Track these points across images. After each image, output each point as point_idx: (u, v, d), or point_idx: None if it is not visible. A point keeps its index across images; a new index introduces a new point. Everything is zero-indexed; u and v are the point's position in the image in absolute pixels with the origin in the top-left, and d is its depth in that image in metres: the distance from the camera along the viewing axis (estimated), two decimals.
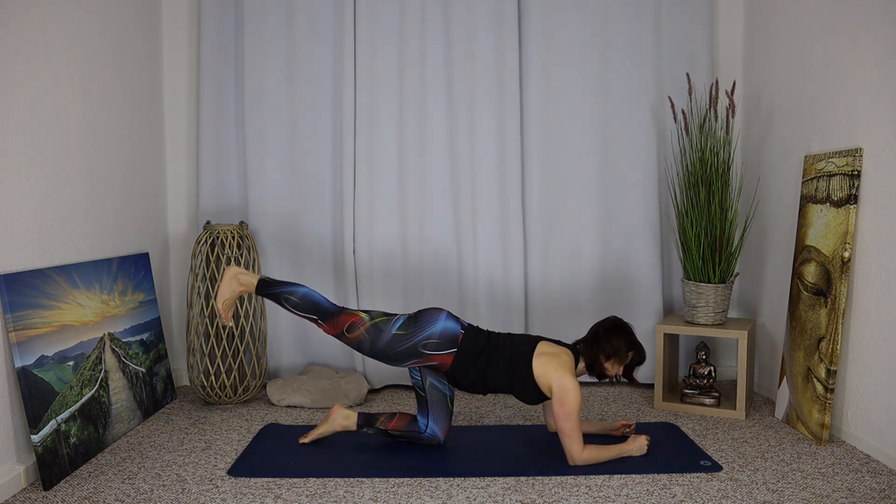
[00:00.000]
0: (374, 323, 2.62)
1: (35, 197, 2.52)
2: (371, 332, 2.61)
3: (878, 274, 2.61)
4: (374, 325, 2.61)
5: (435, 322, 2.62)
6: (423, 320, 2.62)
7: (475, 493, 2.31)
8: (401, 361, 2.61)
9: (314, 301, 2.65)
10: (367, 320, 2.62)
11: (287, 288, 2.67)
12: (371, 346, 2.61)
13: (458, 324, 2.64)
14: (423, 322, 2.62)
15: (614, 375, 2.64)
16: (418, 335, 2.59)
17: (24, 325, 2.38)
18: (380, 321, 2.63)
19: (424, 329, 2.60)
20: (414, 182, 3.62)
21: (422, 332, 2.59)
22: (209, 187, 3.62)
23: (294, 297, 2.64)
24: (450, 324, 2.62)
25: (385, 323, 2.62)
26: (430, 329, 2.60)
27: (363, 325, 2.61)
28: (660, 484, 2.38)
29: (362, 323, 2.62)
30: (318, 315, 2.64)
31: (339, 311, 2.64)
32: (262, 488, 2.36)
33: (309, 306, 2.64)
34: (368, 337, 2.60)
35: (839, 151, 2.82)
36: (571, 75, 3.59)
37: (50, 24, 2.62)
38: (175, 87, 3.67)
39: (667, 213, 3.69)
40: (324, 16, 3.57)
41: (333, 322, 2.63)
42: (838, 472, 2.47)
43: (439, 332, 2.60)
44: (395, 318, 2.64)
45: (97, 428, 2.69)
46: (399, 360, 2.61)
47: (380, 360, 2.64)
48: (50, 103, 2.62)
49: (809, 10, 3.07)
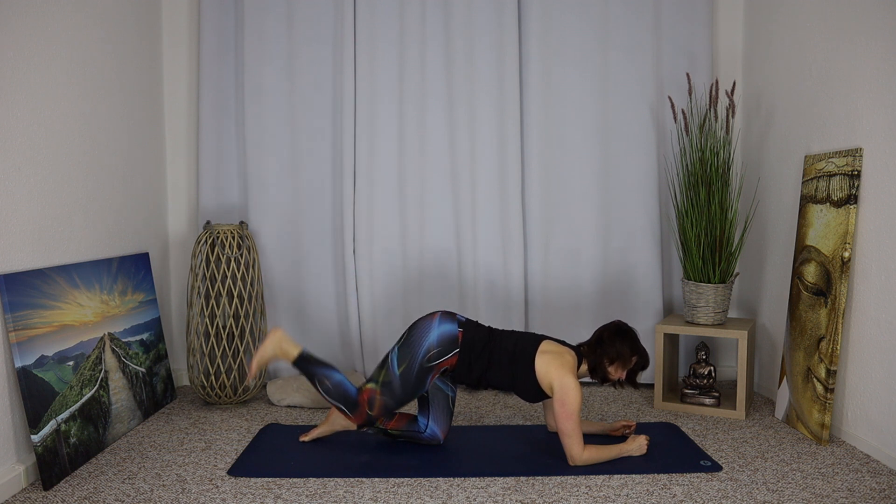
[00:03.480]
0: (381, 383, 2.56)
1: (35, 197, 2.52)
2: (384, 392, 2.55)
3: (878, 274, 2.61)
4: (383, 385, 2.56)
5: (428, 331, 2.57)
6: (415, 337, 2.58)
7: (475, 493, 2.31)
8: (423, 385, 2.57)
9: (345, 390, 2.58)
10: (375, 387, 2.57)
11: (324, 370, 2.61)
12: (395, 400, 2.56)
13: (453, 324, 2.60)
14: (415, 339, 2.57)
15: (617, 380, 2.63)
16: (417, 355, 2.55)
17: (24, 325, 2.38)
18: (382, 377, 2.57)
19: (420, 345, 2.56)
20: (414, 181, 3.62)
21: (419, 350, 2.55)
22: (209, 187, 3.62)
23: (328, 381, 2.58)
24: (445, 326, 2.58)
25: (386, 374, 2.57)
26: (426, 342, 2.56)
27: (376, 393, 2.56)
28: (660, 484, 2.38)
29: (374, 391, 2.56)
30: (346, 405, 2.58)
31: (357, 396, 2.58)
32: (262, 488, 2.36)
33: (340, 395, 2.58)
34: (387, 397, 2.55)
35: (839, 151, 2.82)
36: (571, 75, 3.59)
37: (50, 25, 2.62)
38: (175, 87, 3.67)
39: (667, 213, 3.69)
40: (324, 15, 3.57)
41: (357, 411, 2.57)
42: (838, 472, 2.47)
43: (436, 339, 2.56)
44: (390, 359, 2.58)
45: (97, 428, 2.69)
46: (421, 386, 2.57)
47: (409, 401, 2.59)
48: (50, 103, 2.62)
49: (809, 10, 3.07)
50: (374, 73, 3.55)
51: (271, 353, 2.65)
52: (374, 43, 3.55)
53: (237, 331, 3.28)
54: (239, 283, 3.25)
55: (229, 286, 3.25)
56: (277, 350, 2.64)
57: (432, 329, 2.57)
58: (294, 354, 2.63)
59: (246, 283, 3.28)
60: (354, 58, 3.54)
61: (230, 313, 3.26)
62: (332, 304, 3.67)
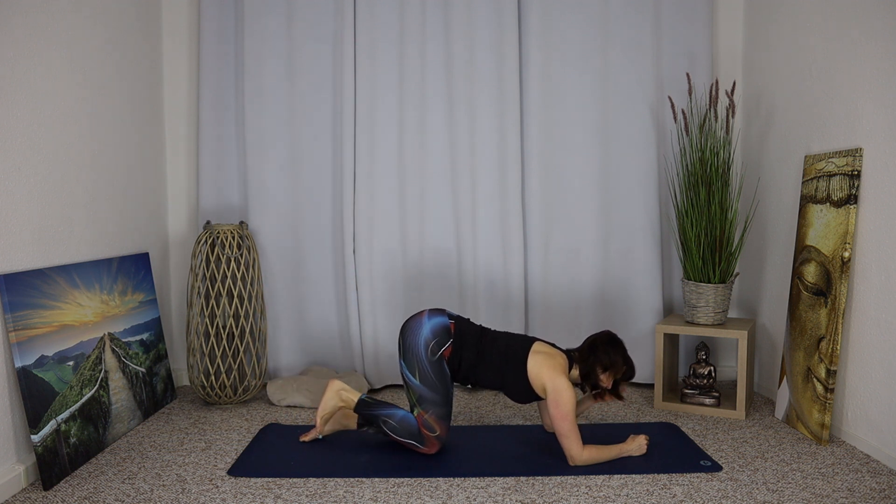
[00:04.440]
0: (418, 402, 2.58)
1: (35, 197, 2.52)
2: (426, 406, 2.56)
3: (878, 274, 2.61)
4: (419, 402, 2.57)
5: (420, 328, 2.60)
6: (410, 339, 2.60)
7: (475, 493, 2.31)
8: (446, 375, 2.58)
9: (409, 424, 2.59)
10: (419, 410, 2.58)
11: (385, 410, 2.62)
12: (439, 405, 2.57)
13: (443, 317, 2.63)
14: (412, 341, 2.59)
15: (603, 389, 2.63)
16: (421, 354, 2.57)
17: (24, 325, 2.38)
18: (413, 397, 2.59)
19: (418, 344, 2.58)
20: (414, 181, 3.62)
21: (420, 349, 2.57)
22: (209, 187, 3.62)
23: (392, 420, 2.60)
24: (435, 319, 2.61)
25: (412, 391, 2.58)
26: (421, 338, 2.58)
27: (423, 414, 2.57)
28: (660, 484, 2.38)
29: (421, 414, 2.57)
30: (415, 440, 2.59)
31: (417, 425, 2.58)
32: (262, 488, 2.36)
33: (406, 431, 2.58)
34: (432, 408, 2.56)
35: (839, 151, 2.82)
36: (571, 75, 3.59)
37: (50, 25, 2.62)
38: (175, 87, 3.67)
39: (667, 213, 3.69)
40: (324, 15, 3.57)
41: (426, 441, 2.58)
42: (838, 472, 2.47)
43: (430, 332, 2.58)
44: (405, 376, 2.60)
45: (97, 428, 2.69)
46: (444, 377, 2.58)
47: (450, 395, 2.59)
48: (50, 103, 2.62)
49: (809, 10, 3.07)
50: (374, 73, 3.55)
51: (333, 405, 2.70)
52: (374, 43, 3.55)
53: (237, 331, 3.28)
54: (239, 283, 3.25)
55: (229, 286, 3.25)
56: (338, 401, 2.70)
57: (423, 325, 2.60)
58: (354, 401, 2.68)
59: (246, 283, 3.28)
60: (354, 58, 3.54)
61: (230, 313, 3.26)
62: (332, 303, 3.67)
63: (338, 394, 2.69)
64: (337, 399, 2.69)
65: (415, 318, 2.65)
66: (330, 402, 2.69)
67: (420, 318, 2.63)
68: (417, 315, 2.66)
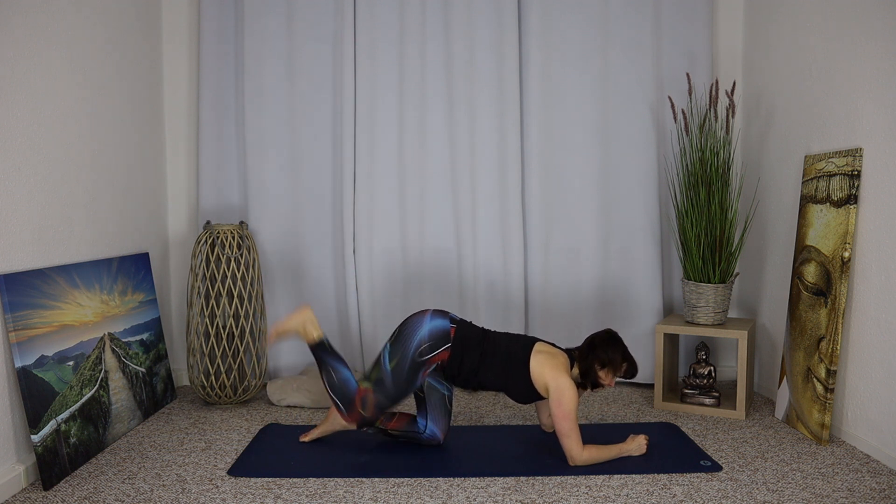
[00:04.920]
0: (374, 381, 2.58)
1: (35, 197, 2.52)
2: (377, 390, 2.57)
3: (878, 274, 2.61)
4: (376, 382, 2.58)
5: (420, 326, 2.59)
6: (407, 332, 2.60)
7: (475, 493, 2.31)
8: (414, 383, 2.58)
9: (348, 389, 2.60)
10: (368, 386, 2.59)
11: (336, 363, 2.64)
12: (388, 398, 2.58)
13: (445, 320, 2.62)
14: (407, 334, 2.59)
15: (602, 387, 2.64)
16: (409, 350, 2.56)
17: (24, 325, 2.38)
18: (374, 374, 2.60)
19: (412, 339, 2.57)
20: (414, 182, 3.62)
21: (411, 345, 2.57)
22: (209, 187, 3.62)
23: (336, 375, 2.61)
24: (437, 321, 2.61)
25: (379, 370, 2.59)
26: (417, 336, 2.58)
27: (370, 392, 2.58)
28: (660, 484, 2.38)
29: (367, 390, 2.58)
30: (344, 404, 2.60)
31: (353, 397, 2.60)
32: (262, 488, 2.36)
33: (342, 392, 2.60)
34: (380, 395, 2.57)
35: (839, 151, 2.82)
36: (571, 75, 3.59)
37: (50, 25, 2.62)
38: (175, 87, 3.67)
39: (667, 213, 3.69)
40: (324, 15, 3.57)
41: (351, 411, 2.60)
42: (838, 472, 2.47)
43: (427, 334, 2.58)
44: (382, 356, 2.61)
45: (97, 428, 2.69)
46: (412, 383, 2.58)
47: (403, 398, 2.60)
48: (50, 103, 2.62)
49: (809, 10, 3.07)
50: (374, 72, 3.55)
51: (294, 327, 2.70)
52: (374, 43, 3.55)
53: (237, 331, 3.28)
54: (239, 283, 3.25)
55: (229, 286, 3.25)
56: (300, 328, 2.69)
57: (423, 324, 2.60)
58: (314, 337, 2.68)
59: (246, 283, 3.28)
60: (354, 58, 3.54)
61: (230, 313, 3.26)
62: (332, 303, 3.67)
63: (304, 322, 2.69)
64: (300, 325, 2.68)
65: (417, 315, 2.65)
66: (292, 324, 2.69)
67: (423, 317, 2.62)
68: (421, 313, 2.65)
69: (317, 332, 2.68)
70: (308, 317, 2.70)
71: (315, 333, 2.68)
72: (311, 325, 2.69)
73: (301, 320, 2.69)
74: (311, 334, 2.68)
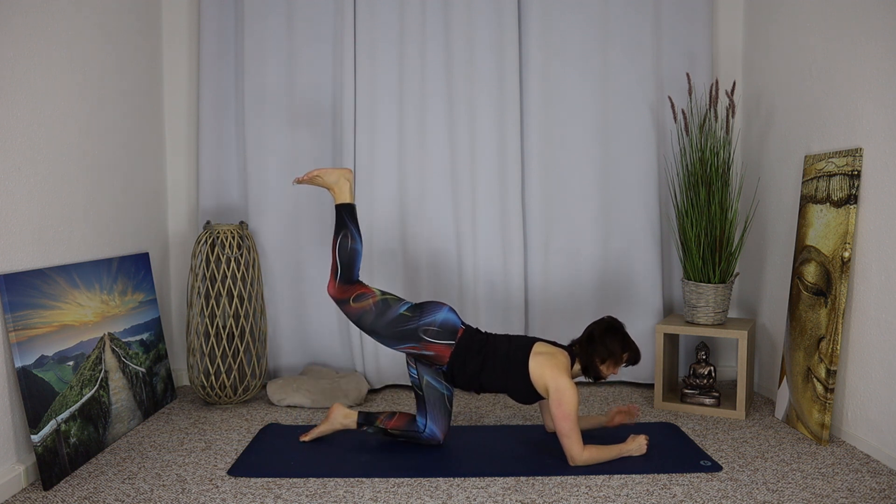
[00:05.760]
0: (383, 298, 2.66)
1: (35, 197, 2.52)
2: (378, 306, 2.64)
3: (878, 274, 2.61)
4: (384, 301, 2.65)
5: (438, 311, 2.65)
6: (427, 309, 2.66)
7: (475, 493, 2.31)
8: (398, 342, 2.63)
9: (353, 263, 2.69)
10: (377, 295, 2.66)
11: (356, 233, 2.72)
12: (374, 320, 2.63)
13: (459, 319, 2.68)
14: (426, 310, 2.65)
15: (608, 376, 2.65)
16: (421, 320, 2.62)
17: (24, 325, 2.38)
18: (389, 298, 2.67)
19: (427, 316, 2.63)
20: (414, 182, 3.62)
21: (424, 318, 2.63)
22: (209, 187, 3.62)
23: (350, 242, 2.70)
24: (451, 316, 2.66)
25: (394, 301, 2.66)
26: (432, 316, 2.63)
27: (373, 299, 2.65)
28: (660, 484, 2.38)
29: (372, 296, 2.65)
30: (340, 273, 2.68)
31: (356, 282, 2.69)
32: (262, 488, 2.36)
33: (346, 261, 2.69)
34: (374, 311, 2.63)
35: (839, 151, 2.82)
36: (571, 75, 3.59)
37: (50, 24, 2.62)
38: (175, 86, 3.67)
39: (667, 213, 3.69)
40: (324, 15, 3.57)
41: (345, 287, 2.67)
42: (838, 472, 2.47)
43: (440, 321, 2.63)
44: (403, 302, 2.68)
45: (97, 428, 2.69)
46: (397, 340, 2.63)
47: (378, 337, 2.65)
48: (50, 103, 2.62)
49: (809, 10, 3.07)
50: (374, 73, 3.55)
51: (330, 182, 2.79)
52: (374, 43, 3.55)
53: (237, 331, 3.28)
54: (239, 283, 3.25)
55: (229, 286, 3.25)
56: (335, 184, 2.78)
57: (441, 311, 2.66)
58: (345, 199, 2.76)
59: (246, 283, 3.28)
60: (354, 58, 3.54)
61: (230, 313, 3.26)
62: (331, 303, 3.67)
63: (341, 180, 2.78)
64: (337, 181, 2.78)
65: (438, 302, 2.71)
66: (332, 177, 2.78)
67: (442, 306, 2.68)
68: (441, 302, 2.72)
69: (349, 197, 2.77)
70: (348, 177, 2.78)
71: (347, 197, 2.77)
72: (346, 187, 2.77)
73: (340, 175, 2.78)
74: (344, 195, 2.77)
